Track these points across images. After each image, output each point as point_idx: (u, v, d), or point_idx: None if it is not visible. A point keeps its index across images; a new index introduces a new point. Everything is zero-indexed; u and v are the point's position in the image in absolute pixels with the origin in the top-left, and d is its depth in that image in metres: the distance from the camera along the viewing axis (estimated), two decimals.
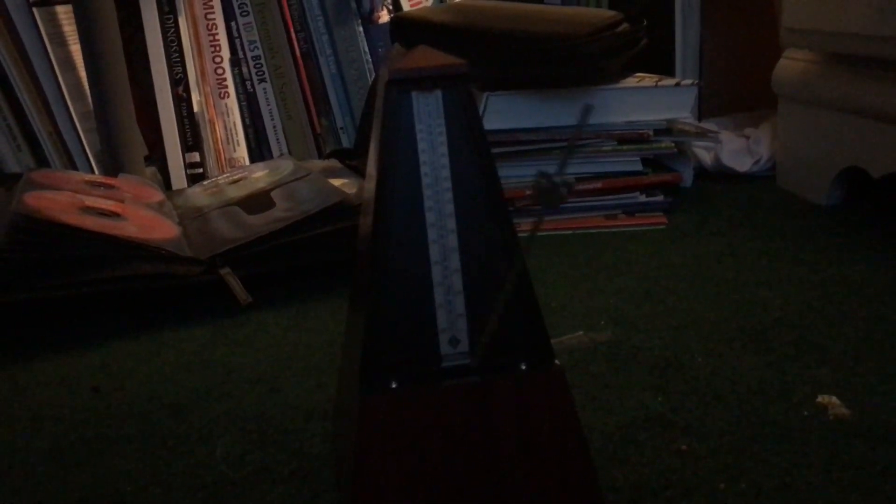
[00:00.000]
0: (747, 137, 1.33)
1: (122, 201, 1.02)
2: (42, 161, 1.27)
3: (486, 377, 0.53)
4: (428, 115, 0.53)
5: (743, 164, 1.29)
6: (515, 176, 1.14)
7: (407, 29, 1.23)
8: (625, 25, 1.19)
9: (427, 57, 0.52)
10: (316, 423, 0.68)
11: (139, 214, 1.00)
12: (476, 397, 0.53)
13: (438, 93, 0.52)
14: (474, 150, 0.53)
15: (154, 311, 0.93)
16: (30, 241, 0.86)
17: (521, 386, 0.53)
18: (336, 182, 1.08)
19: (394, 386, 0.53)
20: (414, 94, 0.52)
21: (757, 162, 1.29)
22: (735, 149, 1.30)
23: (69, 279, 0.86)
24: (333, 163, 1.24)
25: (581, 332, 0.81)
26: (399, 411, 0.52)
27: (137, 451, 0.66)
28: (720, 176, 1.32)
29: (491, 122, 1.14)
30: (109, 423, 0.70)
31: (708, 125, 1.32)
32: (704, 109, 1.42)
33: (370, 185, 0.54)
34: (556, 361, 0.54)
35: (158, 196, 1.13)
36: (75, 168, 1.27)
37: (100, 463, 0.64)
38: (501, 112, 1.14)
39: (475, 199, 0.53)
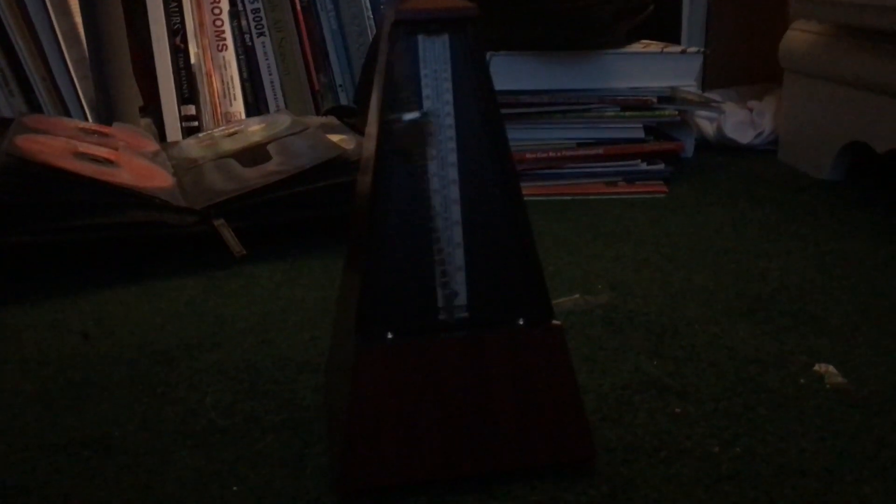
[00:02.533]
0: (751, 110, 1.32)
1: (116, 149, 1.00)
2: (35, 107, 1.25)
3: (483, 331, 0.52)
4: (434, 59, 0.51)
5: (745, 137, 1.28)
6: (517, 139, 1.12)
7: None
8: None
9: None
10: (308, 376, 0.67)
11: (133, 163, 0.98)
12: (472, 351, 0.52)
13: (446, 37, 0.51)
14: (480, 99, 0.52)
15: (147, 261, 0.92)
16: (21, 184, 0.84)
17: (517, 341, 0.53)
18: (334, 138, 1.07)
19: (389, 337, 0.52)
20: (420, 37, 0.51)
21: (759, 134, 1.28)
22: (738, 120, 1.29)
23: (61, 224, 0.85)
24: (331, 119, 1.22)
25: (578, 295, 0.81)
26: (394, 363, 0.51)
27: (126, 397, 0.65)
28: (722, 147, 1.31)
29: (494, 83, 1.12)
30: (98, 369, 0.69)
31: (712, 96, 1.30)
32: (709, 80, 1.41)
33: (369, 142, 0.53)
34: (556, 322, 0.53)
35: (153, 146, 1.11)
36: (69, 115, 1.25)
37: (87, 407, 0.64)
38: (504, 73, 1.12)
39: (479, 150, 0.52)
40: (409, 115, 0.46)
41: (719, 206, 1.06)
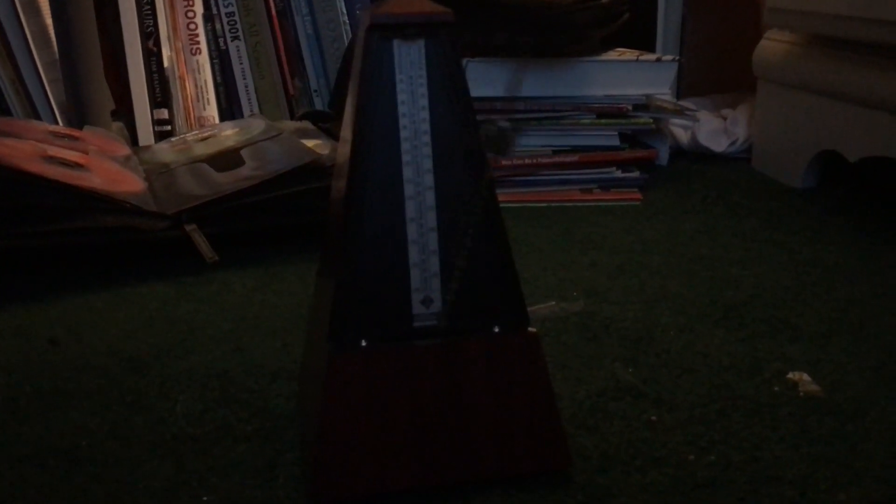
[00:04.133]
0: (725, 118, 1.33)
1: (86, 153, 0.99)
2: (4, 110, 1.23)
3: (459, 338, 0.52)
4: (409, 64, 0.51)
5: (719, 145, 1.29)
6: None
7: None
8: None
9: (411, 3, 0.50)
10: (281, 384, 0.66)
11: (104, 167, 0.97)
12: (447, 358, 0.52)
13: (421, 42, 0.50)
14: (456, 104, 0.51)
15: (117, 266, 0.90)
16: None
17: (493, 348, 0.52)
18: (308, 143, 1.06)
19: (363, 344, 0.51)
20: (396, 41, 0.50)
21: (733, 143, 1.29)
22: (712, 129, 1.30)
23: (30, 228, 0.83)
24: (306, 124, 1.21)
25: (553, 303, 0.80)
26: (368, 370, 0.51)
27: (94, 405, 0.64)
28: (696, 155, 1.31)
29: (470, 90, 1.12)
30: (66, 377, 0.68)
31: (686, 104, 1.31)
32: (683, 89, 1.41)
33: (344, 148, 0.52)
34: (531, 329, 0.53)
35: (124, 150, 1.10)
36: (39, 118, 1.23)
37: (54, 416, 0.62)
38: (480, 79, 1.12)
39: (454, 156, 0.51)
40: (502, 123, 0.46)
41: (694, 213, 1.07)
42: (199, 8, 1.37)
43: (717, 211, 1.07)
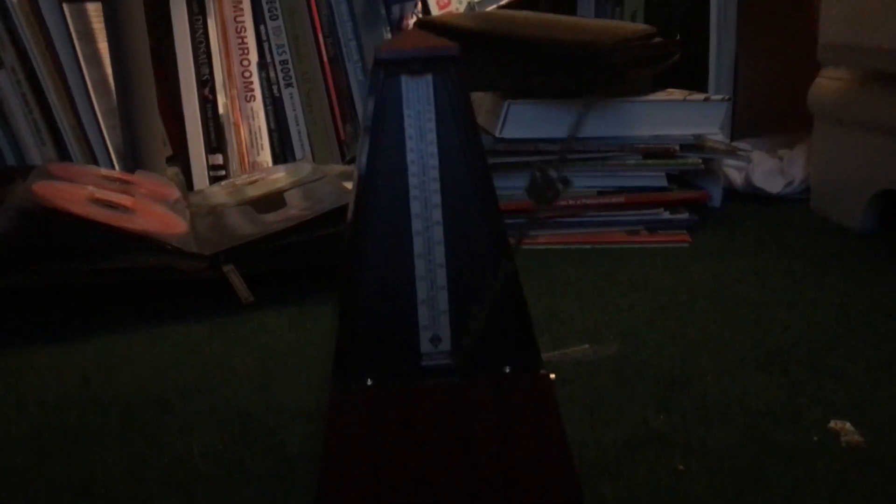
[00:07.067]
0: (781, 158, 1.29)
1: (133, 196, 1.01)
2: (65, 156, 1.28)
3: (468, 379, 0.50)
4: (417, 100, 0.50)
5: (775, 186, 1.25)
6: None
7: (431, 34, 1.21)
8: (657, 39, 1.16)
9: (418, 38, 0.50)
10: (301, 423, 0.65)
11: (149, 209, 0.99)
12: (455, 399, 0.50)
13: (429, 77, 0.50)
14: (464, 139, 0.51)
15: (155, 305, 0.91)
16: (34, 228, 0.85)
17: (503, 390, 0.50)
18: (351, 186, 1.07)
19: (369, 383, 0.50)
20: (403, 77, 0.50)
21: (790, 184, 1.25)
22: (767, 169, 1.26)
23: (70, 267, 0.86)
24: (351, 168, 1.22)
25: (587, 345, 0.78)
26: (373, 410, 0.50)
27: (116, 442, 0.64)
28: (751, 197, 1.27)
29: (511, 131, 1.11)
30: (93, 413, 0.69)
31: (741, 145, 1.28)
32: (738, 129, 1.38)
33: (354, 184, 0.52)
34: (545, 371, 0.51)
35: (174, 194, 1.13)
36: (97, 163, 1.28)
37: (77, 451, 0.63)
38: (522, 120, 1.11)
39: (463, 191, 0.51)
40: (552, 173, 0.45)
41: (744, 255, 1.03)
42: (253, 56, 1.40)
43: (769, 253, 1.03)
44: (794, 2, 1.38)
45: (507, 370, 0.51)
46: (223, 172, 1.40)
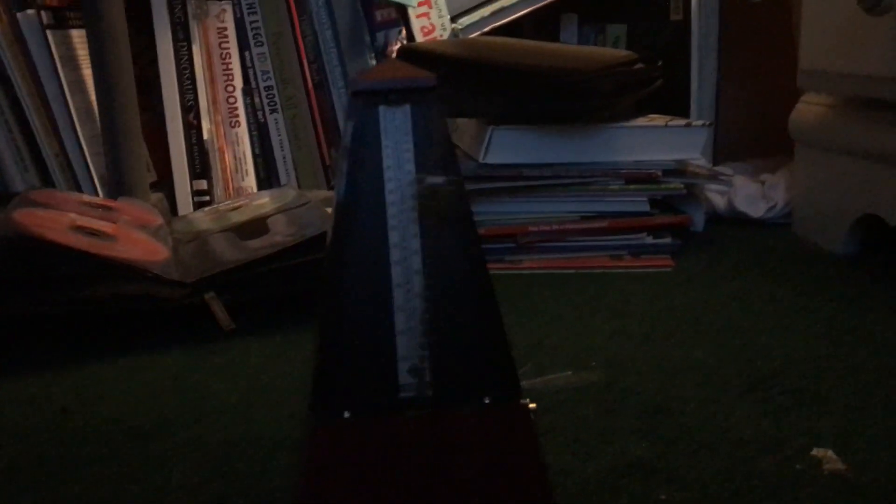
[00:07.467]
0: (763, 183, 1.30)
1: (115, 223, 1.01)
2: (48, 182, 1.27)
3: (447, 410, 0.50)
4: (395, 129, 0.50)
5: (757, 210, 1.26)
6: (518, 212, 1.11)
7: (414, 61, 1.21)
8: (639, 65, 1.17)
9: (395, 69, 0.50)
10: (282, 455, 0.65)
11: (131, 236, 0.98)
12: (435, 430, 0.50)
13: (407, 107, 0.50)
14: (443, 168, 0.50)
15: (135, 333, 0.91)
16: (13, 257, 0.84)
17: (483, 420, 0.50)
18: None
19: (346, 416, 0.50)
20: (381, 108, 0.50)
21: (772, 208, 1.25)
22: (749, 193, 1.27)
23: (51, 296, 0.85)
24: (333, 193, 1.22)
25: (569, 372, 0.78)
26: (351, 443, 0.49)
27: (93, 474, 0.63)
28: (734, 221, 1.28)
29: (495, 157, 1.11)
30: (70, 445, 0.68)
31: (723, 169, 1.29)
32: (720, 154, 1.39)
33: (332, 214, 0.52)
34: (527, 401, 0.50)
35: (157, 220, 1.12)
36: (80, 190, 1.27)
37: (53, 485, 0.62)
38: (506, 146, 1.11)
39: (442, 220, 0.50)
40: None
41: (727, 280, 1.03)
42: (238, 82, 1.40)
43: (751, 277, 1.04)
44: (774, 28, 1.40)
45: (487, 401, 0.51)
46: (207, 198, 1.39)
